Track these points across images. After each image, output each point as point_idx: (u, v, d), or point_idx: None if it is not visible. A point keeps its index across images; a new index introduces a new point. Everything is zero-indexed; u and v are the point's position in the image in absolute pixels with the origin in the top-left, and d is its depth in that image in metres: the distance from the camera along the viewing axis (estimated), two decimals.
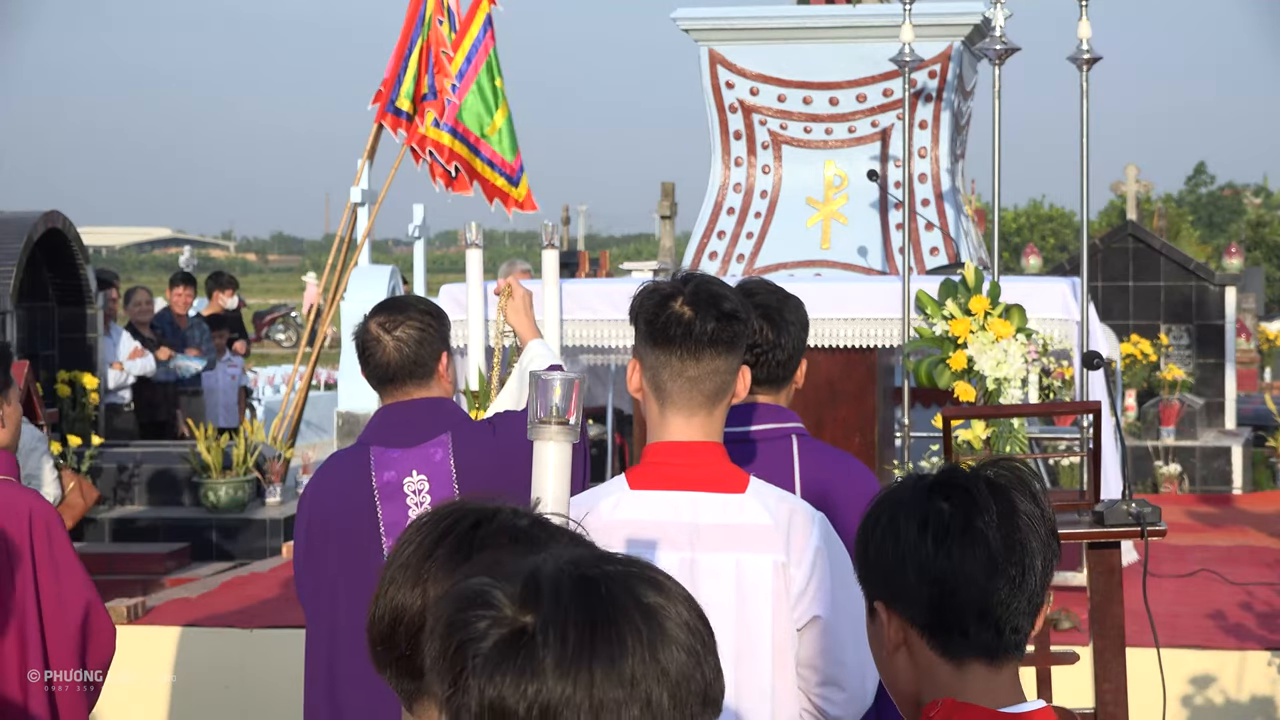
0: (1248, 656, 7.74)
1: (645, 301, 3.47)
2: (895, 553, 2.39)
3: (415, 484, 4.40)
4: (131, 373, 13.55)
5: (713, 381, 3.42)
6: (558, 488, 2.74)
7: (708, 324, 3.40)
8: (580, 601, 1.64)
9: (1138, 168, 22.27)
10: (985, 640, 2.37)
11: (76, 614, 4.80)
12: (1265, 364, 23.42)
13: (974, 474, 2.42)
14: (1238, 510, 12.44)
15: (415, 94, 12.78)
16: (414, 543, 2.11)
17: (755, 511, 3.42)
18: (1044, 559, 2.40)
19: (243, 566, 10.90)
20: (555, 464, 2.73)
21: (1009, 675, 2.40)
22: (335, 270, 13.81)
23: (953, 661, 2.38)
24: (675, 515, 3.41)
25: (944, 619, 2.37)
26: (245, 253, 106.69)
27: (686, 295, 3.43)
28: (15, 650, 4.75)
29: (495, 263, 16.30)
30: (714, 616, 3.30)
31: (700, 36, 11.98)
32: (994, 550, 2.36)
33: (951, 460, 5.50)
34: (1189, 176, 69.62)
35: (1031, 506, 2.41)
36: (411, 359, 4.43)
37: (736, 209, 11.97)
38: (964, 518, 2.37)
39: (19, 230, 11.69)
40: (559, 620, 1.62)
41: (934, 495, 2.39)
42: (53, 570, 4.79)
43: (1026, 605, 2.38)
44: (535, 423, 2.72)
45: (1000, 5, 8.99)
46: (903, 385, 9.03)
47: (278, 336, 36.49)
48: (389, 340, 4.44)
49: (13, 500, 4.80)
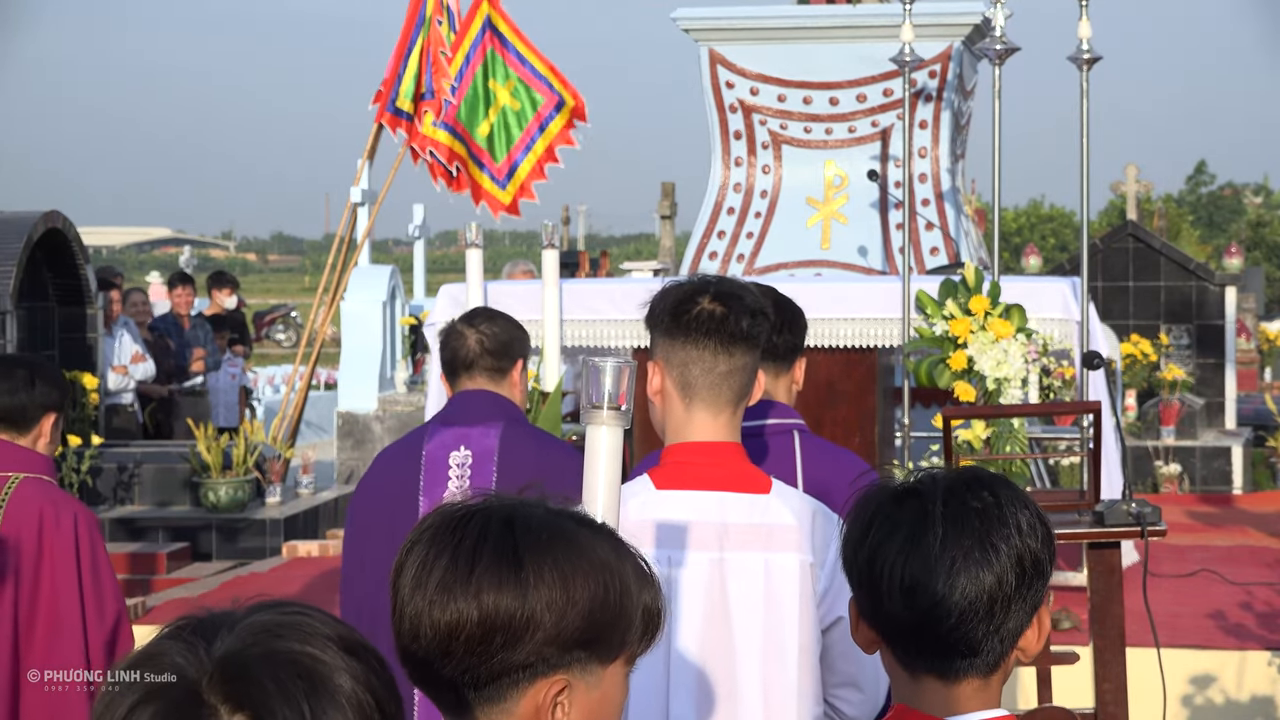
0: (1248, 656, 7.75)
1: (668, 300, 3.48)
2: (853, 557, 2.33)
3: (460, 458, 4.61)
4: (134, 377, 13.55)
5: (741, 377, 3.44)
6: (609, 473, 2.75)
7: (742, 319, 3.43)
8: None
9: (1138, 168, 22.27)
10: (932, 658, 2.29)
11: (111, 619, 5.03)
12: (1265, 364, 23.42)
13: (937, 485, 2.30)
14: (1238, 510, 12.44)
15: (415, 94, 12.79)
16: (445, 555, 2.09)
17: (781, 512, 3.43)
18: (1005, 575, 2.25)
19: (243, 566, 10.90)
20: (607, 449, 2.73)
21: (970, 689, 2.30)
22: (335, 270, 13.81)
23: (908, 671, 2.33)
24: (703, 515, 3.41)
25: (889, 630, 2.31)
26: (245, 253, 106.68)
27: (713, 293, 3.46)
28: (46, 649, 4.94)
29: (495, 263, 16.31)
30: (743, 615, 3.37)
31: (700, 36, 11.98)
32: (934, 565, 2.24)
33: (952, 460, 5.50)
34: (1189, 176, 69.58)
35: (998, 513, 2.27)
36: (490, 351, 4.69)
37: (736, 209, 11.96)
38: (910, 531, 2.27)
39: (19, 230, 11.69)
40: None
41: (893, 503, 2.31)
42: (94, 575, 5.02)
43: (983, 624, 2.25)
44: (588, 408, 2.73)
45: (1000, 5, 8.99)
46: (903, 385, 9.03)
47: (278, 336, 36.48)
48: (472, 333, 4.71)
49: (59, 502, 5.07)
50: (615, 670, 2.13)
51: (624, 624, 2.11)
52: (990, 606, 2.25)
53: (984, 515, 2.27)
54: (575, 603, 2.06)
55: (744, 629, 3.37)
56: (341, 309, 14.45)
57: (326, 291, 13.88)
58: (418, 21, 12.80)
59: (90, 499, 11.93)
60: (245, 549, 11.70)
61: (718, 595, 3.37)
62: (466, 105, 12.51)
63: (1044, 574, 2.29)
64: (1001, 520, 2.27)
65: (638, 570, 2.14)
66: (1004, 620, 2.27)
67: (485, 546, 2.08)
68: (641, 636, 2.14)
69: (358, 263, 14.22)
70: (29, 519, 4.97)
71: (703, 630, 3.36)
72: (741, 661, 3.37)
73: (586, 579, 2.08)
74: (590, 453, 2.76)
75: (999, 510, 2.28)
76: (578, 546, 2.10)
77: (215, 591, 9.72)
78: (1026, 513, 2.29)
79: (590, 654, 2.09)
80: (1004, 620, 2.27)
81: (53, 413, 5.12)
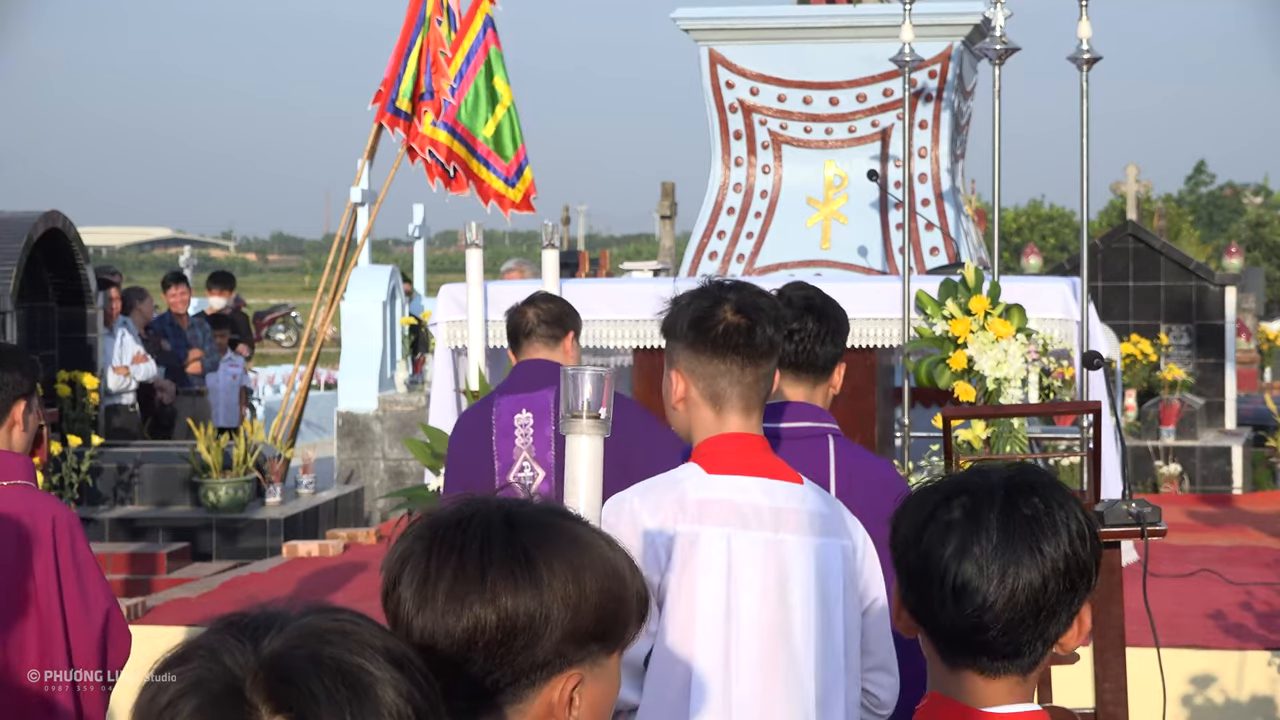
0: (1248, 656, 7.75)
1: (690, 312, 3.52)
2: (904, 554, 2.36)
3: (523, 419, 5.32)
4: (135, 378, 13.54)
5: (767, 382, 3.57)
6: (590, 481, 2.74)
7: (766, 330, 3.51)
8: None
9: (1138, 168, 22.27)
10: (974, 655, 2.32)
11: (99, 617, 4.91)
12: (1265, 364, 23.40)
13: (991, 488, 2.32)
14: (1238, 510, 12.44)
15: (414, 94, 12.79)
16: (451, 562, 2.07)
17: (817, 500, 3.55)
18: (1052, 581, 2.29)
19: (243, 566, 10.90)
20: (588, 457, 2.73)
21: (1007, 686, 2.33)
22: (335, 270, 13.81)
23: (946, 663, 2.36)
24: (756, 498, 3.50)
25: (933, 626, 2.34)
26: (245, 253, 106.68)
27: (734, 304, 3.51)
28: (39, 652, 4.84)
29: (495, 263, 16.30)
30: (799, 594, 3.47)
31: (700, 36, 11.98)
32: (985, 570, 2.28)
33: (952, 461, 5.50)
34: (1189, 176, 69.56)
35: (1048, 520, 2.30)
36: (545, 321, 5.50)
37: (736, 209, 11.96)
38: (963, 533, 2.30)
39: (19, 230, 11.69)
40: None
41: (946, 503, 2.33)
42: (76, 574, 4.88)
43: (1028, 628, 2.29)
44: (567, 417, 2.73)
45: (1000, 5, 8.99)
46: (903, 385, 9.03)
47: (278, 336, 36.46)
48: (530, 309, 5.55)
49: (36, 506, 4.90)
50: (615, 660, 2.16)
51: (626, 613, 2.13)
52: (1036, 612, 2.30)
53: (1035, 521, 2.30)
54: (587, 596, 2.07)
55: (800, 607, 3.48)
56: (341, 309, 14.44)
57: (326, 291, 13.88)
58: (418, 21, 12.80)
59: (90, 499, 11.94)
60: (245, 549, 11.70)
61: (773, 574, 3.47)
62: (467, 105, 12.51)
63: (1090, 580, 2.33)
64: (1053, 527, 2.30)
65: (629, 560, 2.16)
66: (1048, 624, 2.31)
67: (493, 548, 2.06)
68: (637, 625, 2.16)
69: (358, 263, 14.21)
70: (5, 528, 4.81)
71: (760, 607, 3.46)
72: (798, 639, 3.47)
73: (594, 572, 2.08)
74: (570, 462, 2.74)
75: (1050, 516, 2.31)
76: (580, 541, 2.10)
77: (215, 591, 9.72)
78: (1076, 519, 2.32)
79: (601, 646, 2.10)
80: (1048, 624, 2.31)
81: (22, 399, 4.90)
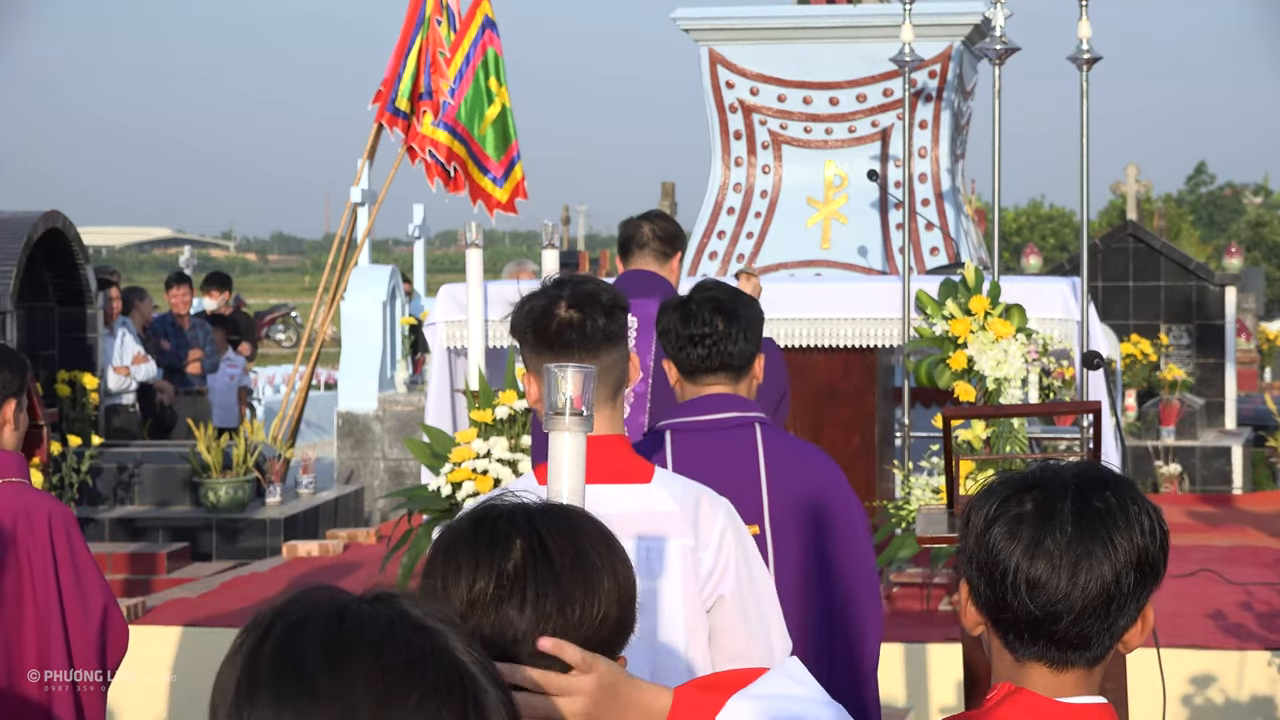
0: (1248, 656, 7.74)
1: (526, 314, 3.55)
2: (975, 548, 2.36)
3: (630, 322, 5.11)
4: (135, 378, 13.54)
5: (614, 372, 3.53)
6: (573, 478, 2.74)
7: (599, 320, 3.51)
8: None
9: (1138, 168, 22.27)
10: (1044, 648, 2.34)
11: (97, 615, 4.89)
12: (1265, 364, 23.41)
13: (1064, 482, 2.33)
14: (1238, 510, 12.44)
15: (413, 94, 12.79)
16: (550, 561, 2.26)
17: (662, 499, 3.54)
18: (1124, 576, 2.30)
19: (243, 566, 10.89)
20: (570, 454, 2.73)
21: (1074, 678, 2.35)
22: (335, 270, 13.81)
23: (1014, 655, 2.37)
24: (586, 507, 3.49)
25: (1003, 619, 2.35)
26: (245, 253, 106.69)
27: (568, 299, 3.52)
28: (38, 650, 4.82)
29: (495, 263, 16.30)
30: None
31: (700, 36, 11.98)
32: (1059, 564, 2.29)
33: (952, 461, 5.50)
34: (1189, 176, 69.55)
35: (1121, 514, 2.31)
36: (660, 237, 6.27)
37: (736, 209, 11.97)
38: (1035, 528, 2.30)
39: (19, 230, 11.68)
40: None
41: (1018, 498, 2.33)
42: (73, 572, 4.86)
43: (1099, 622, 2.31)
44: (549, 414, 2.73)
45: (1000, 5, 8.99)
46: (903, 385, 9.03)
47: (278, 336, 36.46)
48: (647, 224, 6.32)
49: (31, 503, 4.86)
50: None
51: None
52: (1107, 606, 2.31)
53: (1108, 515, 2.31)
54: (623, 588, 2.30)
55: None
56: (341, 309, 14.44)
57: (326, 291, 13.88)
58: (417, 21, 12.80)
59: (90, 499, 11.93)
60: (245, 549, 11.69)
61: None
62: (467, 105, 12.51)
63: (1159, 575, 2.34)
64: (1126, 521, 2.31)
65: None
66: (1118, 618, 2.33)
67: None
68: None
69: (358, 263, 14.21)
70: (1, 525, 4.78)
71: None
72: (631, 646, 3.44)
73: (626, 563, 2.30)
74: (553, 458, 2.74)
75: (1123, 510, 2.32)
76: (607, 536, 2.29)
77: (215, 592, 9.71)
78: (1148, 514, 2.33)
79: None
80: (1118, 618, 2.33)
81: (13, 398, 4.86)
